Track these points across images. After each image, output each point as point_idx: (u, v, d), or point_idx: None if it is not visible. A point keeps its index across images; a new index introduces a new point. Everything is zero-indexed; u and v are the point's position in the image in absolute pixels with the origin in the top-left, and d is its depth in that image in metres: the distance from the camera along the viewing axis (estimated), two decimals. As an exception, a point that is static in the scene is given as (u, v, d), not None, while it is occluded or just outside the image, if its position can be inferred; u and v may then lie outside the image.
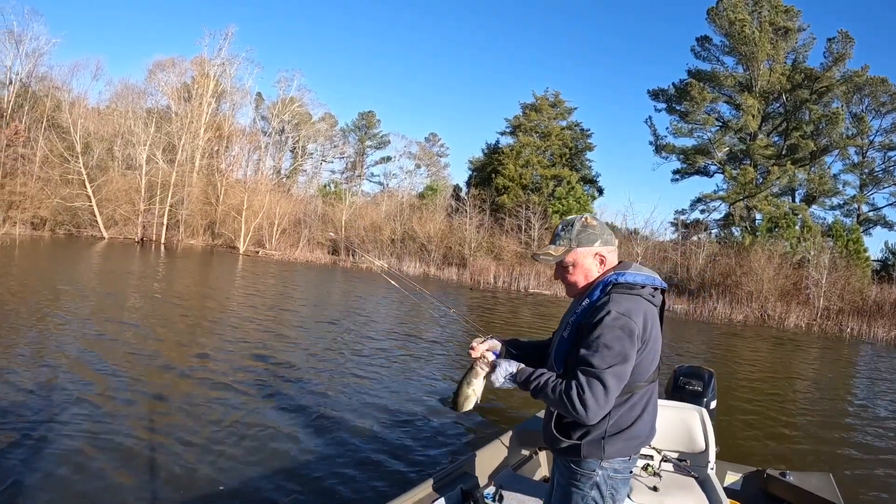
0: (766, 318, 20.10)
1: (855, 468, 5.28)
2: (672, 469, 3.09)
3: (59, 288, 12.06)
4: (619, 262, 1.89)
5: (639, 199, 79.03)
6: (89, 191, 31.52)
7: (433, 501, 2.55)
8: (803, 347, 14.97)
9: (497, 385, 1.81)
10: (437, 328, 11.15)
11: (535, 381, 1.73)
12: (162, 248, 30.04)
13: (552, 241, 1.91)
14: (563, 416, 1.79)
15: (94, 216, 31.78)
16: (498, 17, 72.36)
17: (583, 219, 1.89)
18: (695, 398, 3.65)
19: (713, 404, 3.79)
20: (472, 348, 1.94)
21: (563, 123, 33.62)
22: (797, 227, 26.80)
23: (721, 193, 30.43)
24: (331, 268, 27.29)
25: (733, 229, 29.43)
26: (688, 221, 30.75)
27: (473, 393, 1.89)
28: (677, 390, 3.85)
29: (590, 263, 1.86)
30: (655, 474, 2.97)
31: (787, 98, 29.60)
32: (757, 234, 27.06)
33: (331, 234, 31.01)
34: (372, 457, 4.35)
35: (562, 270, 1.90)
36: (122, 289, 13.36)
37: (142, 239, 32.27)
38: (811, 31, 29.97)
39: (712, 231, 30.63)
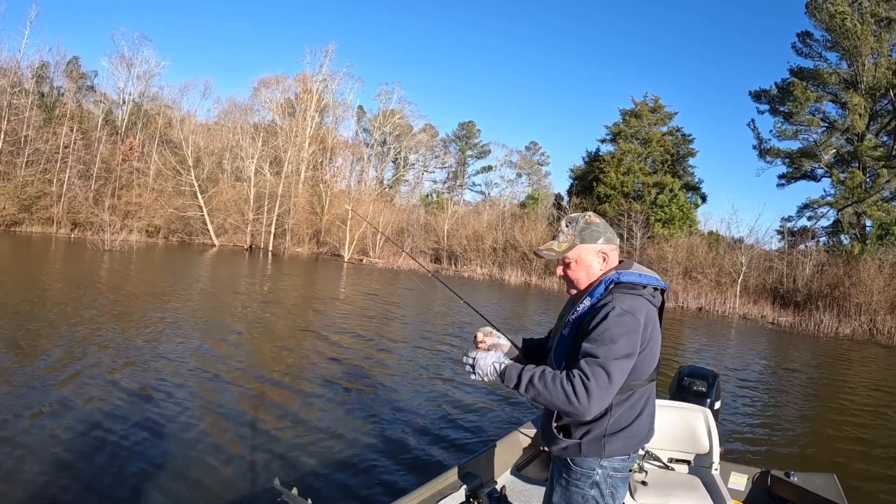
0: (875, 332, 19.37)
1: (862, 469, 5.49)
2: (676, 469, 3.13)
3: (174, 290, 13.24)
4: (620, 262, 1.91)
5: (743, 207, 74.21)
6: (201, 201, 33.48)
7: (437, 502, 2.58)
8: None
9: (483, 373, 1.75)
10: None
11: (529, 373, 1.68)
12: (269, 255, 31.57)
13: (554, 237, 1.90)
14: (563, 416, 1.79)
15: (206, 225, 33.81)
16: (595, 23, 71.01)
17: (586, 216, 1.90)
18: (699, 399, 3.62)
19: (717, 405, 3.76)
20: (476, 336, 1.94)
21: (664, 129, 33.24)
22: (910, 234, 26.21)
23: (829, 199, 29.47)
24: (432, 276, 28.20)
25: (842, 237, 28.80)
26: (794, 229, 29.94)
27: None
28: (681, 391, 3.79)
29: (592, 260, 1.86)
30: (659, 475, 3.00)
31: (894, 94, 28.67)
32: (867, 241, 26.56)
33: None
34: (377, 458, 4.53)
35: (564, 267, 1.90)
36: (232, 292, 14.41)
37: (250, 247, 34.16)
38: (916, 20, 28.66)
39: (820, 239, 29.76)
